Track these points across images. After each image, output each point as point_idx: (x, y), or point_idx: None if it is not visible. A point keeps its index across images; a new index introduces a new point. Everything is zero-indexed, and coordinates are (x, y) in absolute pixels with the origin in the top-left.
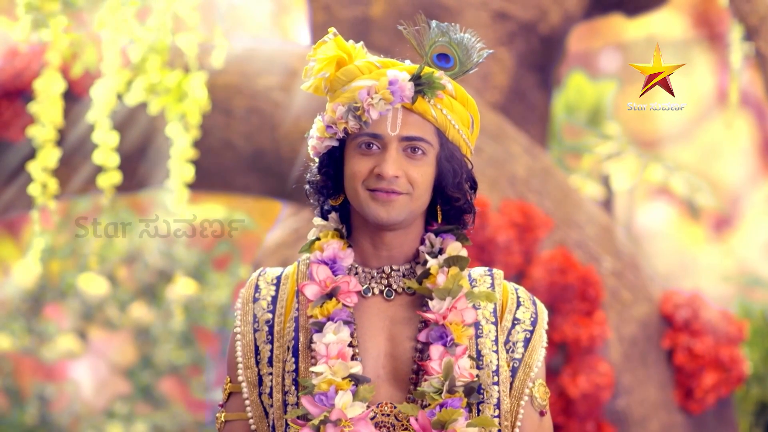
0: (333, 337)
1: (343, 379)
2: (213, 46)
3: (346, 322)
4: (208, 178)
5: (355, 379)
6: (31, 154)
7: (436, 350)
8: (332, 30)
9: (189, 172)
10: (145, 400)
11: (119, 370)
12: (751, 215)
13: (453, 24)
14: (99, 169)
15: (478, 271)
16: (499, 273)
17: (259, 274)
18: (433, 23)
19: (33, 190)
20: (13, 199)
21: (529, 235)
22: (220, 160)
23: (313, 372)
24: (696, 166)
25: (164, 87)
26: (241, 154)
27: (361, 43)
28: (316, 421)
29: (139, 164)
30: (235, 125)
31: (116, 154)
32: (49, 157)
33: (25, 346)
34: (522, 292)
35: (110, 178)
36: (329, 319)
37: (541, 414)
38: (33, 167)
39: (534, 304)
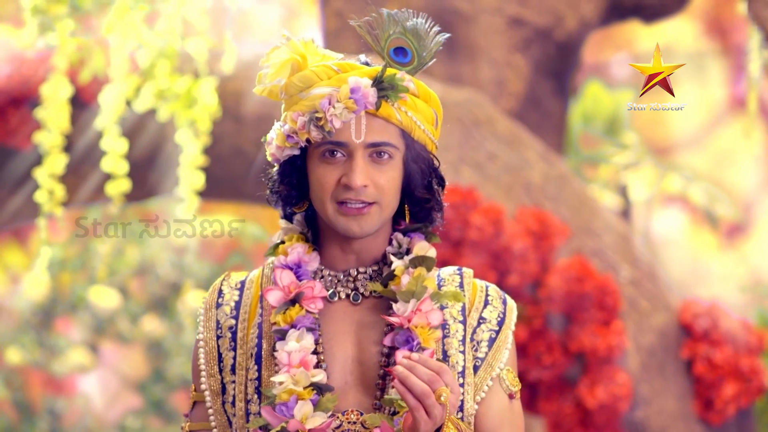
0: (295, 345)
1: (305, 388)
2: (223, 52)
3: (310, 329)
4: (219, 186)
5: (318, 388)
6: (38, 162)
7: (401, 355)
8: (285, 35)
9: (199, 180)
10: (157, 414)
11: (131, 383)
12: (764, 223)
13: (404, 9)
14: (108, 179)
15: (447, 271)
16: (468, 271)
17: (224, 279)
18: (384, 12)
19: (40, 197)
20: (21, 208)
21: (546, 243)
22: (230, 168)
23: (274, 381)
24: (709, 173)
25: (173, 93)
26: (252, 162)
27: (311, 37)
28: None
29: (148, 172)
30: (246, 132)
31: (125, 161)
32: (55, 163)
33: (35, 360)
34: (492, 290)
35: (119, 186)
36: (292, 326)
37: (510, 396)
38: (39, 174)
39: (504, 303)
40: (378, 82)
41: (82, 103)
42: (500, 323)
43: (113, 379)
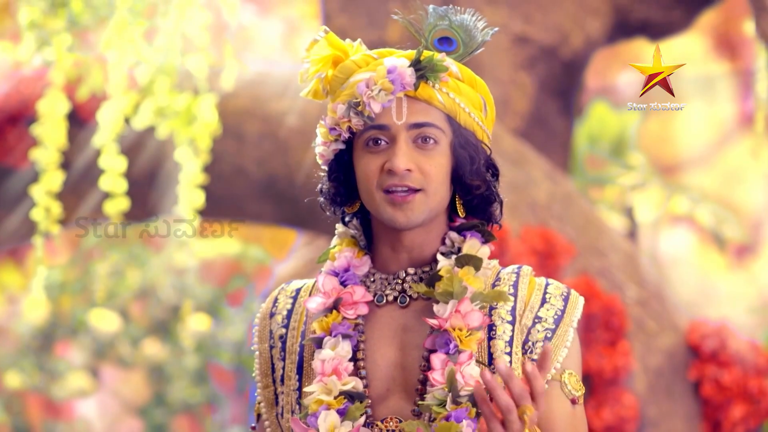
0: (330, 353)
1: (336, 397)
2: (223, 68)
3: (346, 336)
4: (219, 206)
5: (350, 397)
6: (35, 180)
7: (437, 359)
8: (323, 28)
9: (199, 198)
10: None
11: (131, 408)
12: None
13: (452, 6)
14: (106, 197)
15: (506, 270)
16: (526, 269)
17: (281, 288)
18: (431, 8)
19: (36, 214)
20: (18, 228)
21: (551, 263)
22: (231, 187)
23: (306, 392)
24: (717, 193)
25: (173, 110)
26: (254, 181)
27: (359, 40)
28: None
29: (148, 191)
30: (247, 151)
31: (124, 179)
32: (52, 180)
33: (35, 384)
34: (553, 287)
35: (118, 205)
36: (329, 333)
37: (573, 402)
38: (36, 191)
39: (565, 300)
40: (415, 63)
41: (80, 120)
42: (557, 321)
43: (114, 403)
